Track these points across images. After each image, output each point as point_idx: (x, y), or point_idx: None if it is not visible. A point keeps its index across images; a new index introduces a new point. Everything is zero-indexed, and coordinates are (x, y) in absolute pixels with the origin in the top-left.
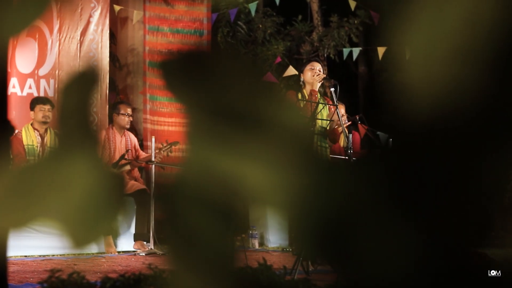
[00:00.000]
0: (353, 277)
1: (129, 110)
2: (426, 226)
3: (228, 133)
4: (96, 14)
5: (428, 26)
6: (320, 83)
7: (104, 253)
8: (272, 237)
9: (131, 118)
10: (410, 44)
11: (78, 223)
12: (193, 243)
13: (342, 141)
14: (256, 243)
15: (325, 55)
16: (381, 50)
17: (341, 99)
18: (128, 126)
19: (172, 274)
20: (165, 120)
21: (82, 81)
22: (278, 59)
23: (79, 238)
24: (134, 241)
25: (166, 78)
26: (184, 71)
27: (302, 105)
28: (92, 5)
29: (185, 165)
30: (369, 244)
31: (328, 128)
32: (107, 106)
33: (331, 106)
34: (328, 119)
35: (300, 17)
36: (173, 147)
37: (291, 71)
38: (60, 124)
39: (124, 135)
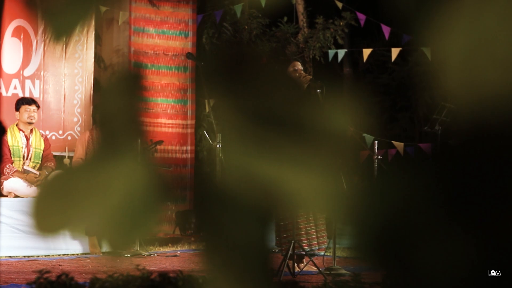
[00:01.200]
0: (406, 281)
1: None
2: (481, 231)
3: (270, 138)
4: None
5: (468, 31)
6: (307, 84)
7: (88, 253)
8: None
9: None
10: (449, 48)
11: (117, 226)
12: (231, 246)
13: None
14: None
15: (311, 56)
16: (366, 52)
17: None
18: None
19: (209, 275)
20: (151, 120)
21: (126, 83)
22: (264, 61)
23: (118, 240)
24: None
25: (208, 81)
26: (226, 76)
27: None
28: None
29: (226, 169)
30: (424, 248)
31: None
32: (92, 107)
33: None
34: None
35: (285, 18)
36: (157, 146)
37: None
38: (103, 125)
39: None
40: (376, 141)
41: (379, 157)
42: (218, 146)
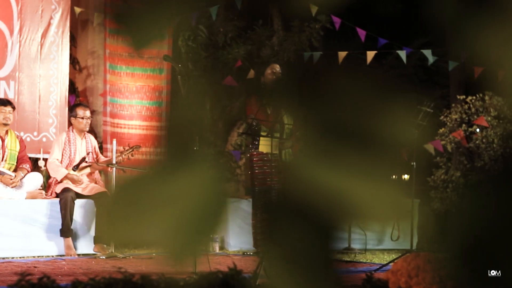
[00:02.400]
0: None
1: (87, 113)
2: None
3: (339, 148)
4: (57, 16)
5: None
6: None
7: (63, 255)
8: (232, 241)
9: (89, 121)
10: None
11: (180, 239)
12: (292, 254)
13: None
14: (216, 247)
15: (285, 59)
16: (341, 55)
17: None
18: (86, 129)
19: (271, 282)
20: (125, 122)
21: (193, 101)
22: (239, 63)
23: (179, 253)
24: (94, 244)
25: (280, 93)
26: (300, 87)
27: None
28: (53, 7)
29: (290, 178)
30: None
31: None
32: (67, 109)
33: None
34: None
35: (261, 21)
36: (134, 150)
37: (252, 74)
38: (169, 141)
39: (85, 138)
40: None
41: None
42: (195, 148)
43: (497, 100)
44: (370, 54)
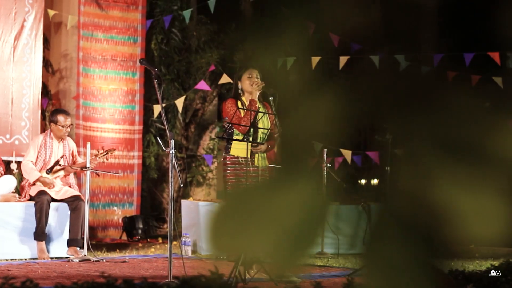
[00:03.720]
0: None
1: (68, 121)
2: None
3: (446, 162)
4: (30, 19)
5: None
6: (259, 91)
7: (36, 258)
8: (205, 245)
9: (69, 129)
10: None
11: (285, 252)
12: (398, 267)
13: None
14: (189, 250)
15: (259, 64)
16: (315, 60)
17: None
18: (65, 137)
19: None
20: (98, 126)
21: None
22: (212, 67)
23: (285, 266)
24: (68, 247)
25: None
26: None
27: (242, 114)
28: (26, 9)
29: (394, 190)
30: None
31: (266, 137)
32: (39, 111)
33: (271, 115)
34: (268, 128)
35: (234, 25)
36: (109, 153)
37: (225, 79)
38: (281, 158)
39: (62, 141)
40: (325, 149)
41: (328, 165)
42: (171, 152)
43: None
44: (343, 59)
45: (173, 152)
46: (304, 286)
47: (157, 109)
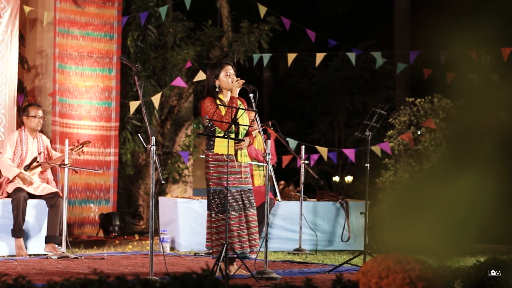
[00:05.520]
0: None
1: (39, 112)
2: None
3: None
4: (6, 15)
5: None
6: (239, 88)
7: (15, 255)
8: (183, 242)
9: (41, 120)
10: None
11: (450, 238)
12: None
13: (256, 145)
14: (167, 247)
15: (235, 60)
16: (291, 57)
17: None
18: (39, 128)
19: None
20: (74, 122)
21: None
22: (188, 64)
23: (449, 251)
24: (46, 243)
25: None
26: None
27: (223, 111)
28: (2, 5)
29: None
30: None
31: (245, 133)
32: (15, 108)
33: (250, 112)
34: (248, 124)
35: (210, 22)
36: (84, 146)
37: (201, 76)
38: (453, 139)
39: (37, 137)
40: (303, 146)
41: (306, 162)
42: (152, 149)
43: (445, 102)
44: (320, 56)
45: (155, 148)
46: (291, 283)
47: (133, 105)
